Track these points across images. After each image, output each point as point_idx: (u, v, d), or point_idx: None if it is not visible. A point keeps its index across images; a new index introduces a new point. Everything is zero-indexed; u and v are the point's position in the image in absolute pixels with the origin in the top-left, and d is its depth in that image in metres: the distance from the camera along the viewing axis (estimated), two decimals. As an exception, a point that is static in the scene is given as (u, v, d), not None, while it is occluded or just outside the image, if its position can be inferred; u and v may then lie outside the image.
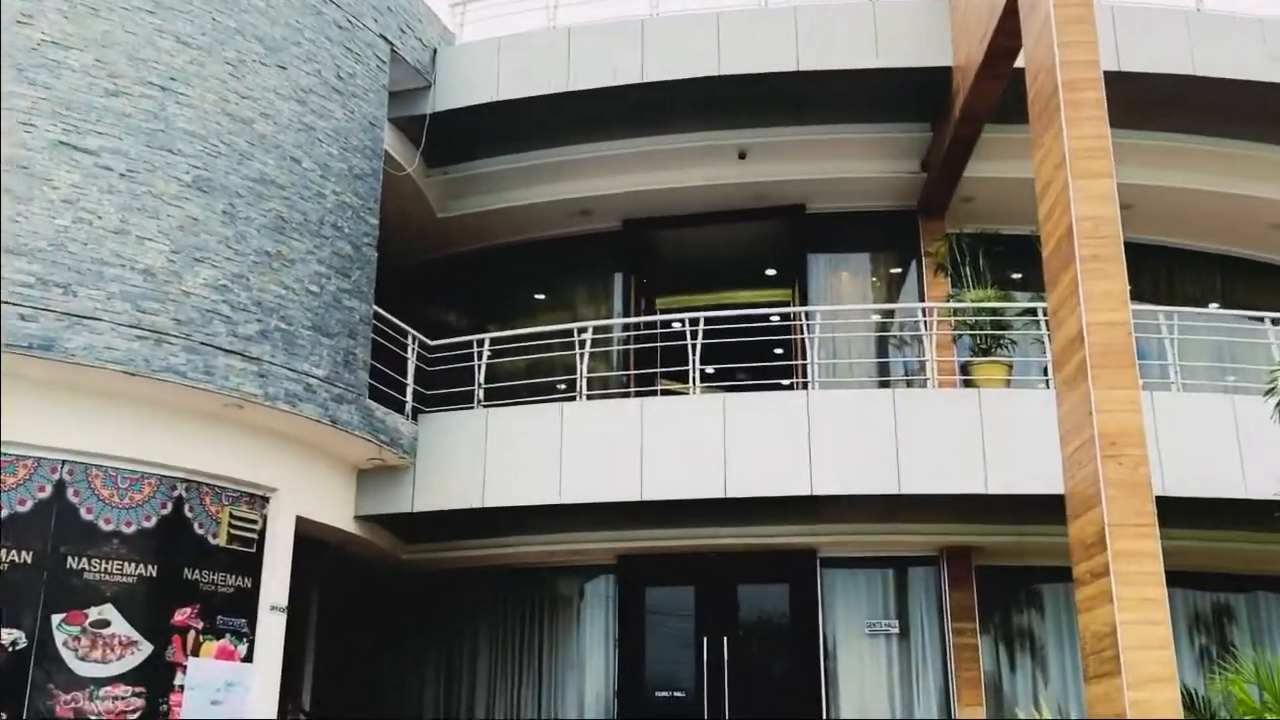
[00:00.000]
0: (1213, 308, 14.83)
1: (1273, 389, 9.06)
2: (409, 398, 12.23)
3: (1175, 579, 11.72)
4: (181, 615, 9.89)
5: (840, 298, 14.84)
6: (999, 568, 12.77)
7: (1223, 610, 13.58)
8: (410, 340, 12.54)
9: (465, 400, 12.57)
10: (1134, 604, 7.86)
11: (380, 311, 11.97)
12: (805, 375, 12.90)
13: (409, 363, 12.45)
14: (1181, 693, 8.74)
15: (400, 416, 11.90)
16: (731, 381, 12.90)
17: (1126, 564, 7.96)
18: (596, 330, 13.48)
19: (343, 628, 14.12)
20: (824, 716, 12.30)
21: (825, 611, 12.75)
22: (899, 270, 15.05)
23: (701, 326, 12.22)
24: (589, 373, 13.14)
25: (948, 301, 13.25)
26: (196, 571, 10.09)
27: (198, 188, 10.01)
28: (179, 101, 10.04)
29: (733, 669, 12.56)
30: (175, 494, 10.08)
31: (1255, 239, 15.04)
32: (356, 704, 13.89)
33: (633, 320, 14.69)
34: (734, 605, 13.11)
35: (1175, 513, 9.89)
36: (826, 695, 12.42)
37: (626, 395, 13.88)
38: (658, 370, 13.67)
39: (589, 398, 13.01)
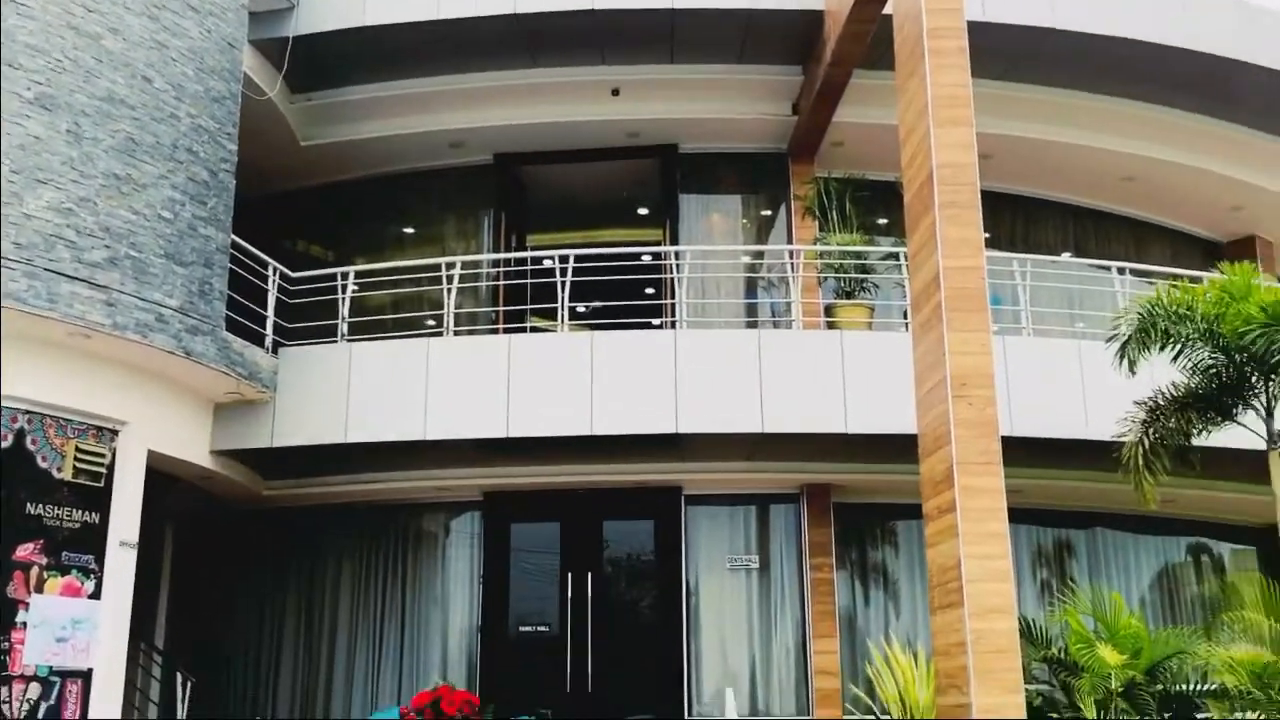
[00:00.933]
0: (1065, 256, 15.41)
1: (1115, 334, 9.48)
2: (269, 331, 11.90)
3: (1020, 516, 12.34)
4: (24, 551, 9.50)
5: (711, 238, 14.93)
6: (856, 505, 13.17)
7: (1064, 545, 14.29)
8: (271, 272, 12.18)
9: (329, 334, 12.30)
10: (977, 538, 8.18)
11: (239, 241, 11.57)
12: (674, 315, 12.98)
13: (269, 295, 12.10)
14: (1021, 622, 9.19)
15: (260, 350, 11.57)
16: (601, 320, 12.90)
17: (972, 500, 8.26)
18: (465, 266, 13.32)
19: (200, 565, 13.80)
20: (684, 648, 12.56)
21: (689, 547, 12.98)
22: (769, 213, 15.20)
23: (571, 264, 12.16)
24: (457, 309, 12.99)
25: (814, 244, 13.45)
26: (40, 506, 9.69)
27: (40, 105, 9.46)
28: (19, 13, 9.44)
29: (596, 603, 12.72)
30: (16, 425, 9.64)
31: (1107, 191, 15.63)
32: (213, 643, 13.64)
33: (502, 256, 14.53)
34: (599, 541, 13.24)
35: (1021, 452, 10.30)
36: (687, 628, 12.69)
37: (495, 332, 13.78)
38: (527, 307, 13.60)
39: (456, 334, 12.87)
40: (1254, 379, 8.98)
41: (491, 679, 12.51)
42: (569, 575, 12.84)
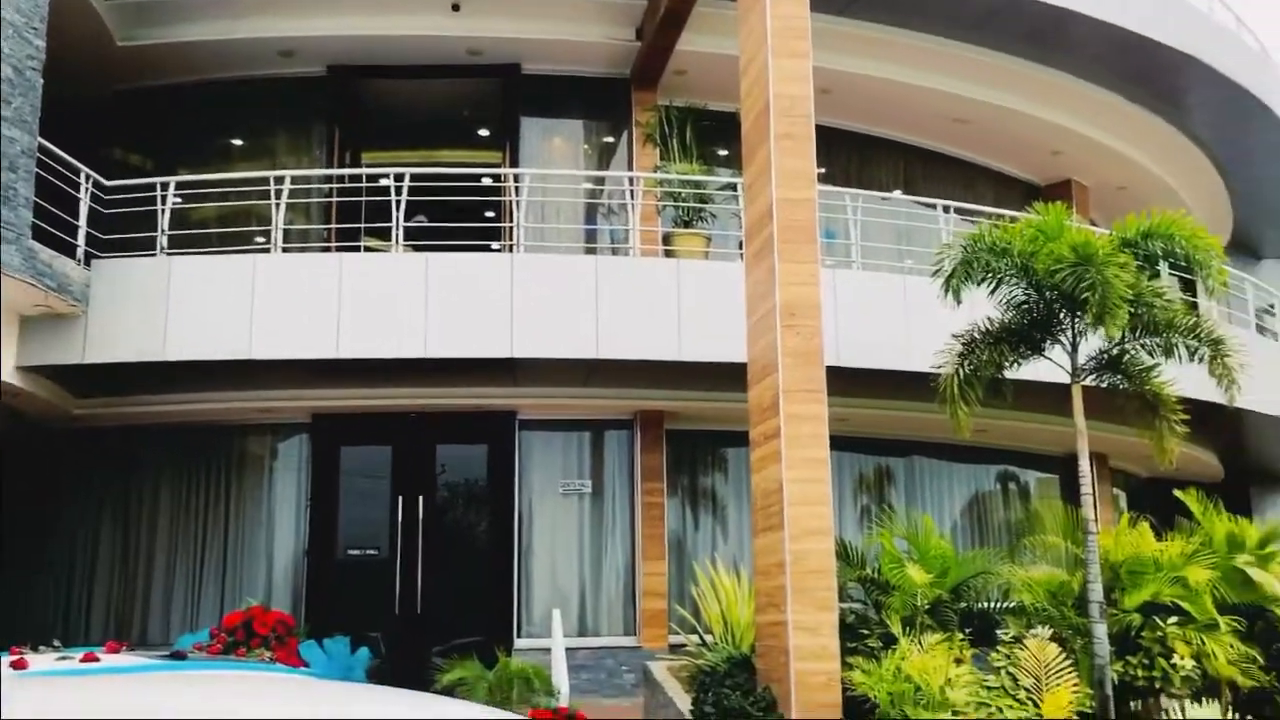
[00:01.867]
0: (896, 194, 15.84)
1: (940, 269, 9.81)
2: (81, 241, 11.25)
3: (843, 444, 12.81)
4: None
5: (552, 163, 14.78)
6: (688, 431, 13.41)
7: (883, 472, 14.90)
8: (84, 179, 11.48)
9: (148, 247, 11.71)
10: (800, 463, 8.43)
11: (47, 145, 10.85)
12: (513, 239, 12.83)
13: (81, 204, 11.41)
14: (838, 544, 9.56)
15: (70, 261, 10.94)
16: (438, 242, 12.65)
17: (796, 427, 8.49)
18: (296, 181, 12.83)
19: (9, 485, 13.09)
20: (515, 572, 12.64)
21: (522, 472, 13.00)
22: (611, 139, 15.12)
23: (408, 183, 11.85)
24: (287, 225, 12.51)
25: (654, 172, 13.45)
26: None
27: None
28: None
29: (428, 528, 12.64)
30: None
31: (938, 131, 16.11)
32: (22, 564, 13.00)
33: (335, 172, 14.06)
34: (432, 465, 13.13)
35: (846, 381, 10.63)
36: (519, 552, 12.75)
37: (327, 250, 13.37)
38: (361, 226, 13.22)
39: (286, 251, 12.42)
40: (1062, 315, 9.43)
41: (318, 603, 12.34)
42: (400, 499, 12.70)
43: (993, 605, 10.50)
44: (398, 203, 11.76)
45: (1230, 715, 5.26)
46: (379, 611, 12.39)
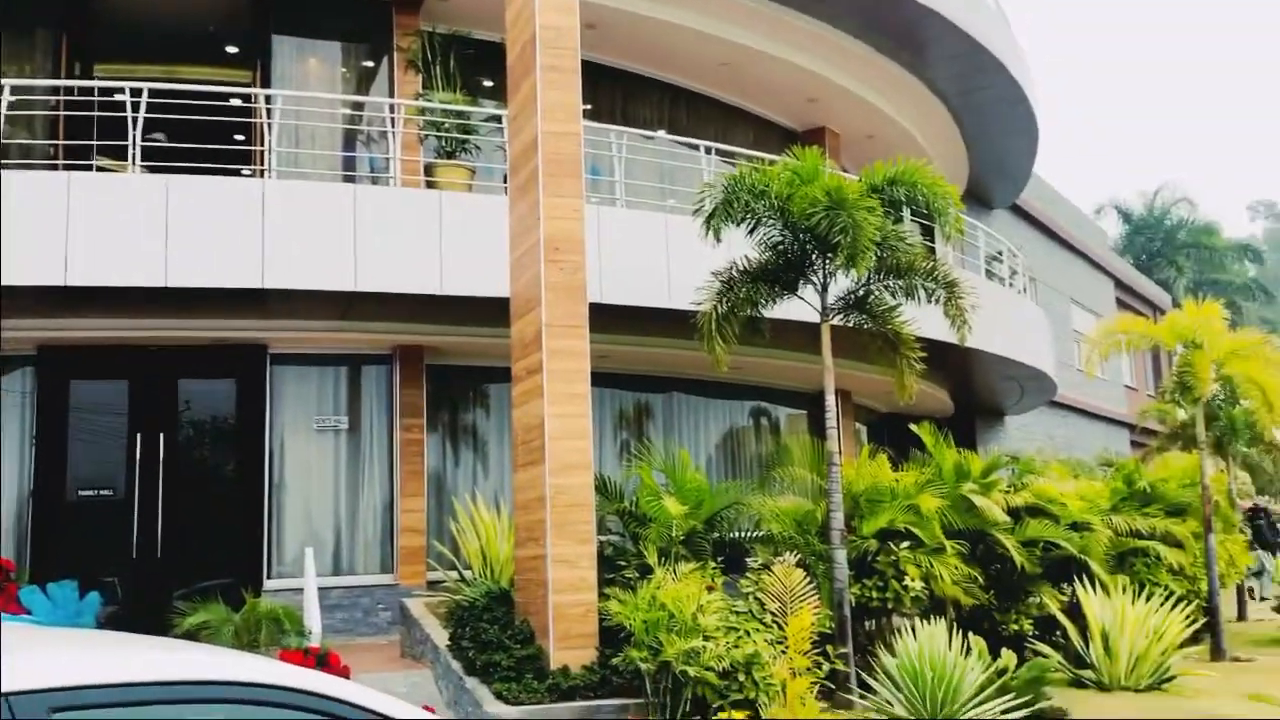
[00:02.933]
0: (660, 134, 15.99)
1: (701, 207, 9.98)
2: None
3: (605, 380, 12.92)
4: None
5: (307, 86, 14.05)
6: (449, 367, 13.20)
7: (643, 408, 15.18)
8: None
9: None
10: (561, 399, 8.46)
11: None
12: (264, 164, 12.16)
13: None
14: (597, 479, 9.68)
15: None
16: (182, 164, 11.83)
17: (558, 362, 8.50)
18: (17, 91, 11.66)
19: None
20: (265, 512, 12.17)
21: (273, 408, 12.47)
22: (371, 64, 14.54)
23: (145, 99, 10.99)
24: (7, 139, 11.39)
25: (416, 101, 13.03)
26: None
27: None
28: None
29: (169, 467, 11.94)
30: None
31: (702, 73, 16.33)
32: None
33: (64, 84, 12.89)
34: (174, 401, 12.39)
35: (609, 318, 10.70)
36: (269, 491, 12.27)
37: (54, 168, 12.28)
38: (93, 144, 12.19)
39: (4, 168, 11.30)
40: (815, 256, 9.80)
41: (46, 547, 11.47)
42: (138, 437, 11.93)
43: (744, 535, 10.94)
44: (134, 120, 10.91)
45: (954, 631, 5.71)
46: (115, 555, 11.65)
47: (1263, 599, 18.50)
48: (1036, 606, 11.33)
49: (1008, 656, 8.20)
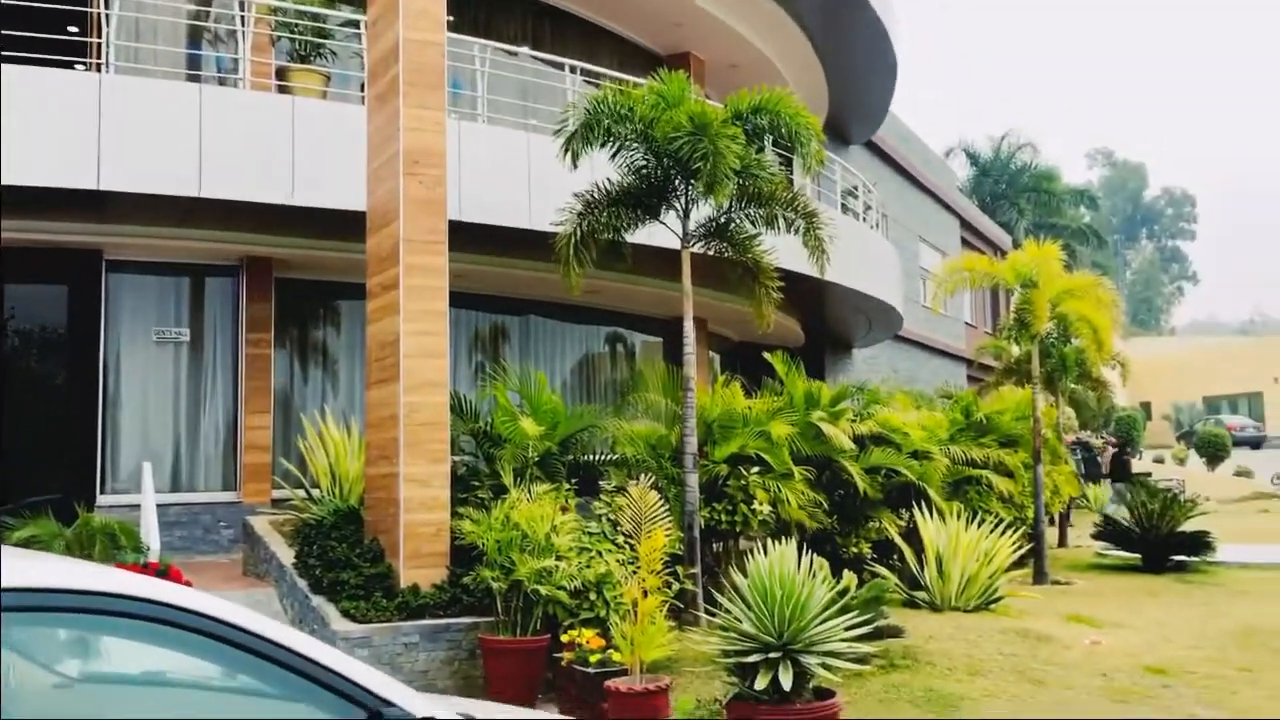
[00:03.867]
0: (523, 50, 15.63)
1: (563, 128, 9.82)
2: None
3: (462, 300, 12.71)
4: None
5: (149, -24, 13.19)
6: (299, 280, 12.78)
7: (499, 330, 15.04)
8: None
9: None
10: (418, 315, 8.29)
11: None
12: (102, 57, 11.41)
13: None
14: (453, 398, 9.56)
15: None
16: (9, 53, 10.99)
17: (415, 278, 8.31)
18: None
19: None
20: (99, 426, 11.64)
21: (109, 317, 11.86)
22: (213, -46, 13.74)
23: (-35, -21, 10.16)
24: None
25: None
26: None
27: None
28: None
29: (-7, 376, 11.29)
30: None
31: (569, -8, 16.02)
32: None
33: None
34: (-1, 307, 11.67)
35: (467, 237, 10.51)
36: (104, 404, 11.72)
37: None
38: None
39: None
40: (677, 182, 9.77)
41: None
42: (-41, 344, 11.23)
43: (598, 458, 11.00)
44: (-48, 2, 10.09)
45: (800, 553, 5.90)
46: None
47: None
48: (876, 531, 11.76)
49: (849, 578, 8.49)
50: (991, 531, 11.16)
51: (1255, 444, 45.04)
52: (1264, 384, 53.31)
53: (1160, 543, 14.68)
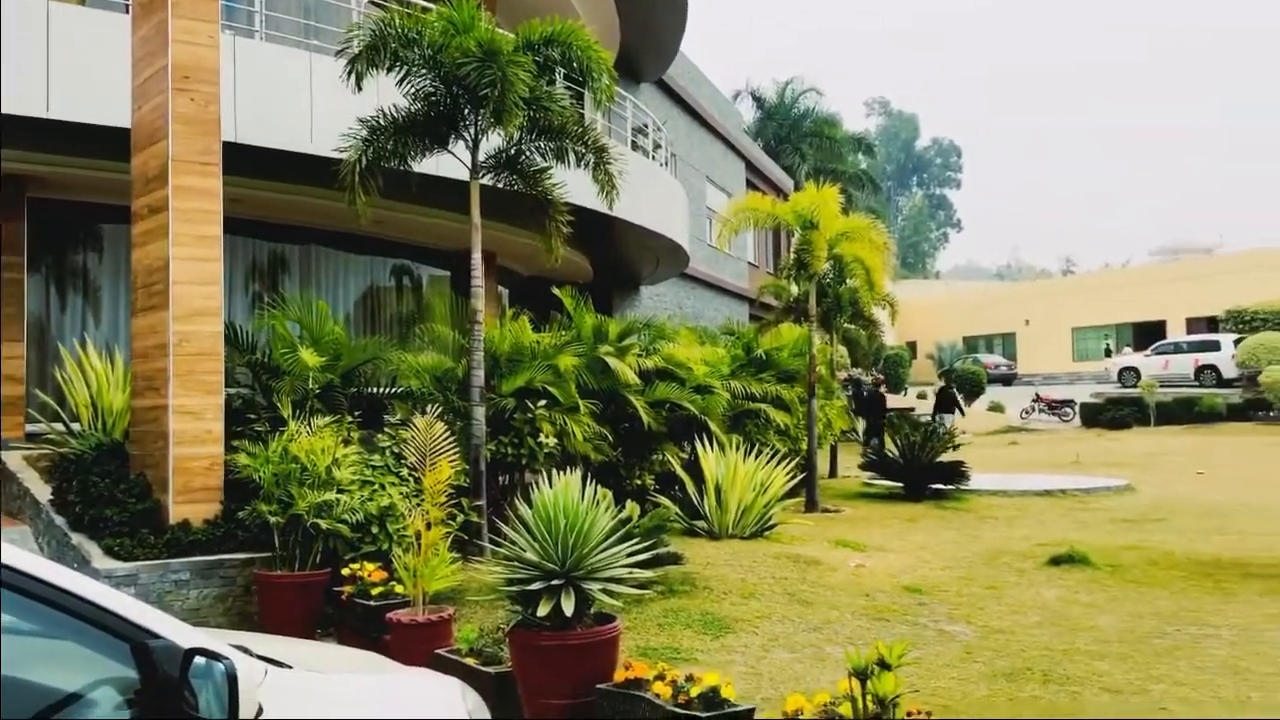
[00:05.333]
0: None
1: (347, 49, 9.45)
2: None
3: (237, 226, 12.14)
4: None
5: None
6: (56, 201, 11.89)
7: (278, 259, 14.47)
8: None
9: None
10: (189, 240, 7.88)
11: None
12: None
13: None
14: (228, 328, 9.17)
15: None
16: None
17: (186, 200, 7.89)
18: None
19: None
20: None
21: None
22: None
23: None
24: None
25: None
26: None
27: None
28: None
29: None
30: None
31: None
32: None
33: None
34: None
35: (244, 161, 10.03)
36: None
37: None
38: None
39: None
40: (467, 110, 9.59)
41: None
42: None
43: (383, 391, 10.81)
44: None
45: (585, 484, 6.00)
46: None
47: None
48: (660, 463, 12.06)
49: (631, 507, 8.69)
50: (768, 463, 11.62)
51: (1008, 380, 48.49)
52: (1017, 325, 57.25)
53: (921, 472, 15.65)
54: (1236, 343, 34.93)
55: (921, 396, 39.36)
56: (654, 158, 19.65)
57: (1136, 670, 6.59)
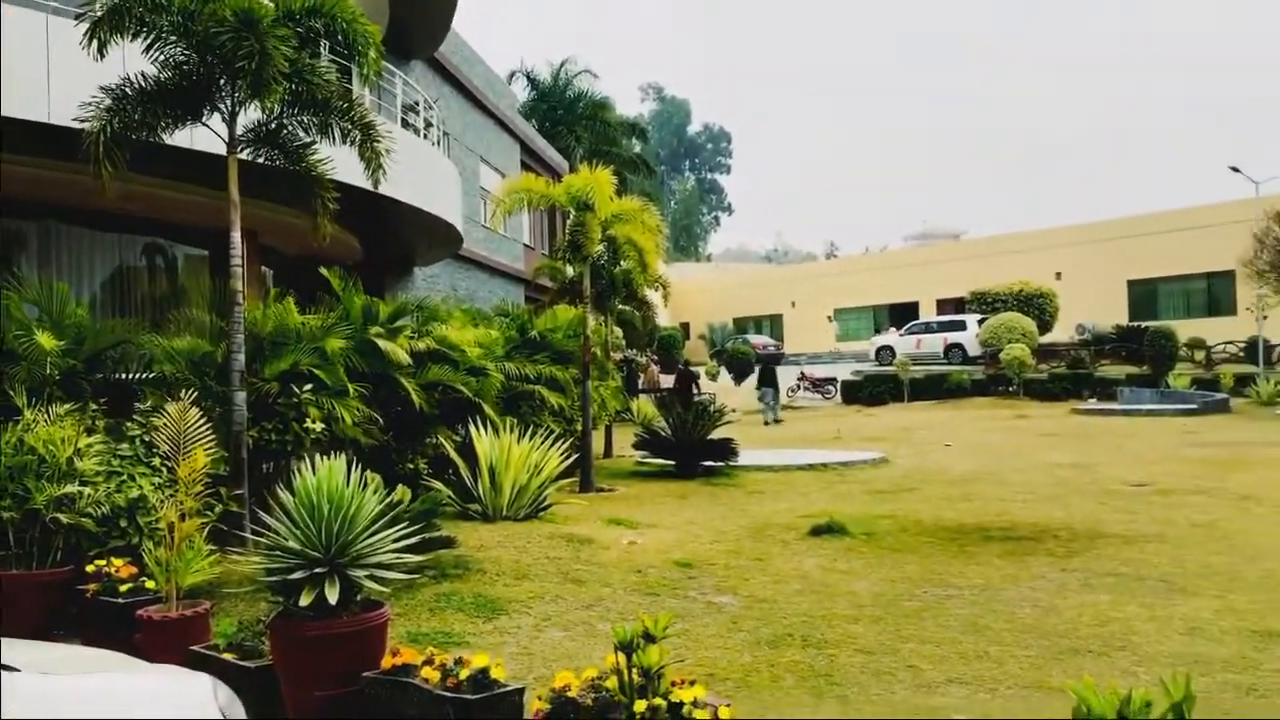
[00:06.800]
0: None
1: (87, 13, 8.82)
2: None
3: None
4: None
5: None
6: None
7: (12, 236, 13.41)
8: None
9: None
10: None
11: None
12: None
13: None
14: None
15: None
16: None
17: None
18: None
19: None
20: None
21: None
22: None
23: None
24: None
25: None
26: None
27: None
28: None
29: None
30: None
31: None
32: None
33: None
34: None
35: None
36: None
37: None
38: None
39: None
40: (222, 81, 9.14)
41: None
42: None
43: (134, 377, 10.19)
44: None
45: (354, 468, 5.81)
46: None
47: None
48: (434, 447, 11.91)
49: (402, 491, 8.55)
50: (543, 444, 11.65)
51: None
52: (784, 307, 59.53)
53: (692, 450, 16.06)
54: (980, 322, 37.46)
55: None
56: (425, 136, 19.29)
57: (888, 632, 6.99)
